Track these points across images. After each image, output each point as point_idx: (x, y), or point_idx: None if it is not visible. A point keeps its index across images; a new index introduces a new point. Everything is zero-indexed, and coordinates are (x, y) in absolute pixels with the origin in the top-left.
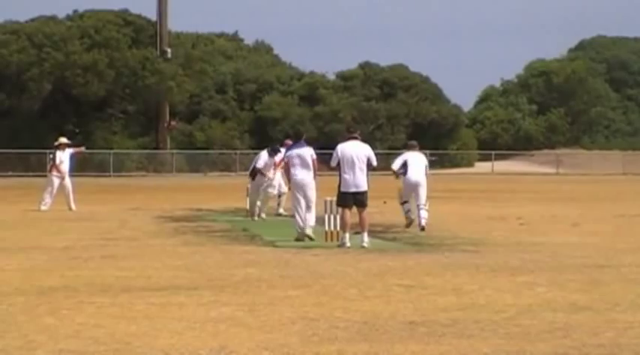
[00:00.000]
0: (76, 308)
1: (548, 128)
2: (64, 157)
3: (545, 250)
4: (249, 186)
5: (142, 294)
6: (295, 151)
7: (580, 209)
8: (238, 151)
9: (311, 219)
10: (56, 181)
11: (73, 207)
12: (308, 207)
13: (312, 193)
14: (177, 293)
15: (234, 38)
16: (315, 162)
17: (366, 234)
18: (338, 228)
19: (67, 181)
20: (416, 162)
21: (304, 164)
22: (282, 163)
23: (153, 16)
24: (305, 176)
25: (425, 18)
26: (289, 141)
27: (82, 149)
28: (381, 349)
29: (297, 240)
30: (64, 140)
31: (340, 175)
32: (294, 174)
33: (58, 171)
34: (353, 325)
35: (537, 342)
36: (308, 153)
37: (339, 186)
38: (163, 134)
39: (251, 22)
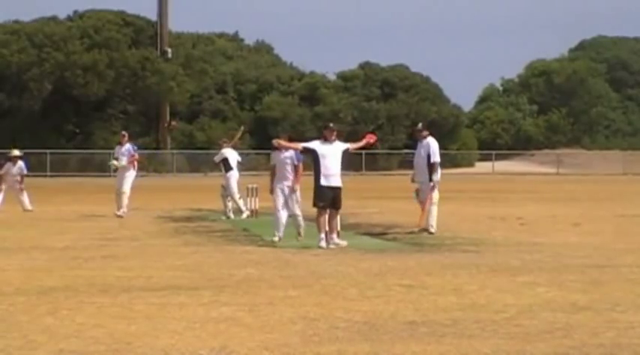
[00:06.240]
0: (76, 308)
1: (549, 128)
2: (12, 170)
3: (546, 250)
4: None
5: (142, 294)
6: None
7: (580, 209)
8: (238, 151)
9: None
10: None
11: (29, 207)
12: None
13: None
14: (178, 293)
15: (235, 38)
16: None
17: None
18: (339, 227)
19: (17, 189)
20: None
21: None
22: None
23: (153, 16)
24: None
25: (425, 18)
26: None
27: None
28: (381, 349)
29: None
30: (16, 152)
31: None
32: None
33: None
34: (353, 325)
35: (538, 342)
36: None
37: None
38: (164, 134)
39: (251, 22)
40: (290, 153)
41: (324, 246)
